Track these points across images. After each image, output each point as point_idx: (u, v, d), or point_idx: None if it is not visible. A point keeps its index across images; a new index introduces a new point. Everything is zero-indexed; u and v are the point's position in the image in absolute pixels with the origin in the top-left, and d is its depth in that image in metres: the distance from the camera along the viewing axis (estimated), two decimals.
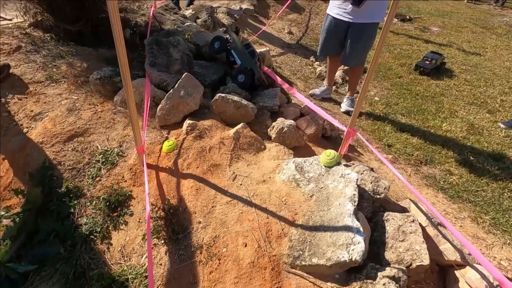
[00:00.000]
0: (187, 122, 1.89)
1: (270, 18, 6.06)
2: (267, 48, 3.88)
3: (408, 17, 7.35)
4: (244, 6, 5.66)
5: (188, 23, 3.71)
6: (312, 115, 2.34)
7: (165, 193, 1.63)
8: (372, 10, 2.72)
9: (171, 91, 1.97)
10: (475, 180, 2.49)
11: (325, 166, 1.59)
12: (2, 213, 1.80)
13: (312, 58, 4.75)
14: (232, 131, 1.86)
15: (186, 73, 2.04)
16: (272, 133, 2.01)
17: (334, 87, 3.94)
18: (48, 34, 2.68)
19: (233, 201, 1.57)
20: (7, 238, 1.72)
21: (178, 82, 1.98)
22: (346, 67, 4.19)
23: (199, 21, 4.28)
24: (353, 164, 1.80)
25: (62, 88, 2.25)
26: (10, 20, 3.46)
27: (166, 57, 2.40)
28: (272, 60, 4.35)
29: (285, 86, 2.38)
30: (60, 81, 2.30)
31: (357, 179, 1.49)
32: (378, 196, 1.59)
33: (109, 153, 1.88)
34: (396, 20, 7.43)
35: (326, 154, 1.59)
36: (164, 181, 1.67)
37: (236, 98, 2.04)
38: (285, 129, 1.95)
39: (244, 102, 2.06)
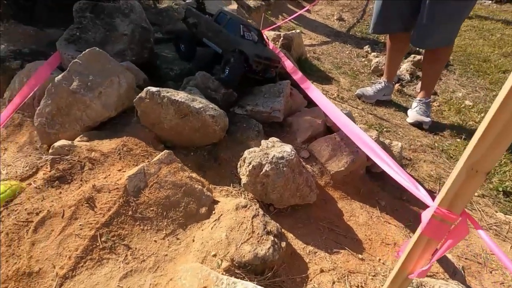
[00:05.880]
0: (55, 145, 0.91)
1: (317, 4, 4.88)
2: (298, 30, 2.76)
3: None
4: None
5: None
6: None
7: None
8: None
9: (55, 79, 1.01)
10: None
11: None
12: None
13: (367, 48, 3.46)
14: (130, 173, 0.80)
15: (92, 48, 1.07)
16: (242, 173, 0.91)
17: (397, 86, 2.64)
18: None
19: None
20: None
21: (71, 63, 1.03)
22: (417, 54, 2.87)
23: None
24: None
25: None
26: None
27: (105, 30, 1.48)
28: (310, 50, 3.20)
29: (297, 76, 1.26)
30: None
31: None
32: None
33: None
34: (490, 1, 5.61)
35: None
36: None
37: (180, 96, 1.00)
38: (267, 168, 0.84)
39: (197, 105, 1.01)
